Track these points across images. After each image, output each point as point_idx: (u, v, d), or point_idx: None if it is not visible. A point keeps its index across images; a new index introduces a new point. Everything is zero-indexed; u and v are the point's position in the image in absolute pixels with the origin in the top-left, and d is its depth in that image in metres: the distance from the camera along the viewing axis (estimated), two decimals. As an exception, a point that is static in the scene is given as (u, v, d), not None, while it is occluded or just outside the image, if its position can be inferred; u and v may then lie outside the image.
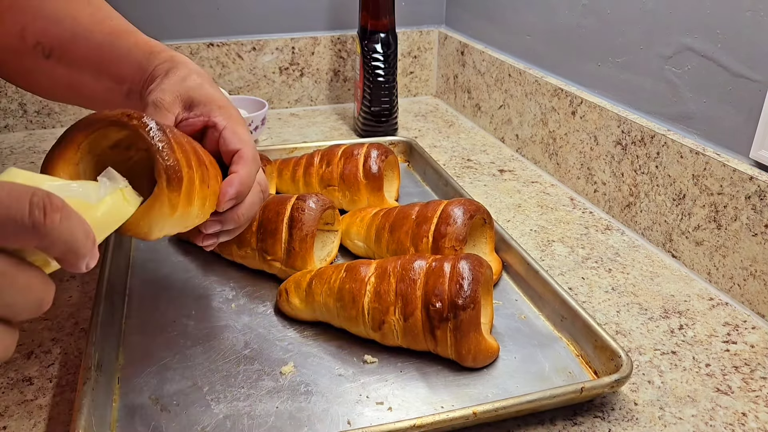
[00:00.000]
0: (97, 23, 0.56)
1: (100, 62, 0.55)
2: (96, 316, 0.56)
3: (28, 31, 0.55)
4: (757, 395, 0.55)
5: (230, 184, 0.49)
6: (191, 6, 1.12)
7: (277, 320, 0.62)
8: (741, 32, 0.65)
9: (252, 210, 0.52)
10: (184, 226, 0.44)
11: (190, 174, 0.42)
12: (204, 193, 0.45)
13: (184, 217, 0.43)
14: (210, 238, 0.52)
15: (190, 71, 0.54)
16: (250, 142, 0.52)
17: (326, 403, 0.52)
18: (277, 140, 1.08)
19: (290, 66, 1.20)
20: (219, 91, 0.55)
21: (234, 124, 0.52)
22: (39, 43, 0.55)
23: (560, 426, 0.52)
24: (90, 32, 0.55)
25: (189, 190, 0.42)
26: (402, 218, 0.69)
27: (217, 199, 0.48)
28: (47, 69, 0.56)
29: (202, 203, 0.45)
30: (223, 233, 0.53)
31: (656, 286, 0.70)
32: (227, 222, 0.51)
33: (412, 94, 1.31)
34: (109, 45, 0.55)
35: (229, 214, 0.50)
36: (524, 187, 0.92)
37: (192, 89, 0.52)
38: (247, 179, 0.50)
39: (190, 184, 0.42)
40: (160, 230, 0.42)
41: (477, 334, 0.55)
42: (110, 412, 0.51)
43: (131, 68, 0.55)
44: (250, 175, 0.50)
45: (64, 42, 0.55)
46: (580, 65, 0.89)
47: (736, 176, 0.65)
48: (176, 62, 0.55)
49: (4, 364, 0.57)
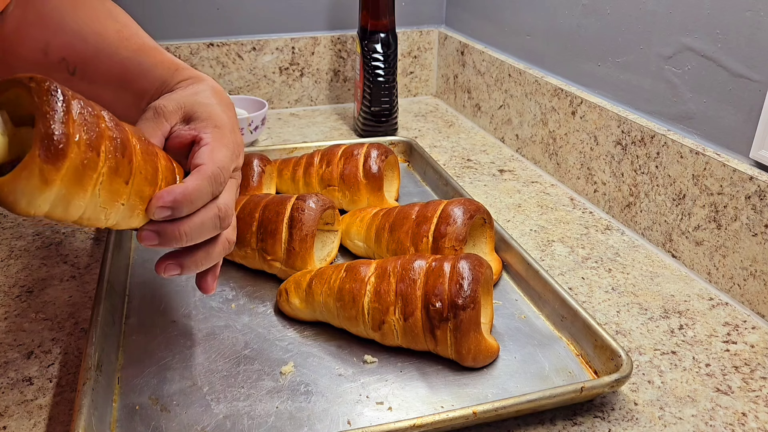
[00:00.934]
0: (123, 40, 0.54)
1: (123, 78, 0.54)
2: (96, 316, 0.56)
3: (51, 46, 0.54)
4: (757, 395, 0.55)
5: (169, 192, 0.44)
6: (191, 6, 1.12)
7: (277, 320, 0.62)
8: (741, 32, 0.65)
9: (201, 233, 0.47)
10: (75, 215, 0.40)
11: (87, 156, 0.38)
12: (117, 187, 0.41)
13: (71, 202, 0.39)
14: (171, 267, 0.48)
15: (209, 88, 0.52)
16: (221, 164, 0.47)
17: (326, 403, 0.52)
18: (277, 140, 1.08)
19: (290, 66, 1.20)
20: (229, 114, 0.52)
21: (218, 145, 0.48)
22: (63, 59, 0.54)
23: (560, 426, 0.52)
24: (116, 48, 0.54)
25: (79, 173, 0.38)
26: (402, 218, 0.69)
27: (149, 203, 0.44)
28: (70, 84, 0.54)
29: (110, 197, 0.41)
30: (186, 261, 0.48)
31: (656, 286, 0.70)
32: (165, 236, 0.45)
33: (412, 94, 1.31)
34: (134, 61, 0.54)
35: (168, 228, 0.45)
36: (524, 187, 0.92)
37: (198, 104, 0.51)
38: (193, 192, 0.45)
39: (84, 167, 0.38)
40: (28, 204, 0.37)
41: (477, 334, 0.55)
42: (110, 412, 0.51)
43: (154, 83, 0.53)
44: (199, 190, 0.45)
45: (88, 58, 0.54)
46: (580, 65, 0.89)
47: (736, 176, 0.65)
48: (200, 78, 0.53)
49: (4, 364, 0.57)
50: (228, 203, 0.48)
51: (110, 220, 0.43)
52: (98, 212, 0.41)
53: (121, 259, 0.69)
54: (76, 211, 0.40)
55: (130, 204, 0.43)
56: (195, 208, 0.46)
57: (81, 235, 0.77)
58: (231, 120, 0.52)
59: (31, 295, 0.66)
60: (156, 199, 0.44)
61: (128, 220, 0.44)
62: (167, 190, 0.44)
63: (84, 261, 0.72)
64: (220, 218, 0.47)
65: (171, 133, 0.50)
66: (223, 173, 0.47)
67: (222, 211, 0.48)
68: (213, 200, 0.47)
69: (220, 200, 0.48)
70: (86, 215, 0.41)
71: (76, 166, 0.38)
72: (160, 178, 0.45)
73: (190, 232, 0.46)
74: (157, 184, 0.45)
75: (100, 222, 0.42)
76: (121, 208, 0.42)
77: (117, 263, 0.66)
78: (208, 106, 0.51)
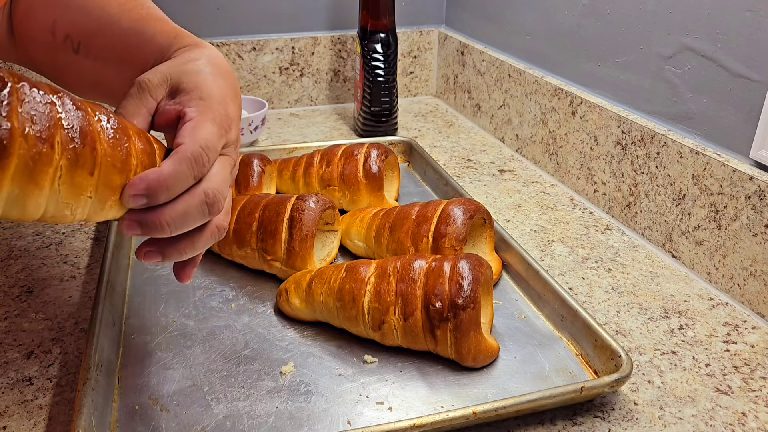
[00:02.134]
0: (126, 11, 0.52)
1: (124, 51, 0.50)
2: (96, 316, 0.56)
3: (58, 24, 0.52)
4: (757, 395, 0.55)
5: (142, 178, 0.40)
6: (191, 6, 1.12)
7: (277, 320, 0.62)
8: (741, 32, 0.65)
9: (185, 221, 0.42)
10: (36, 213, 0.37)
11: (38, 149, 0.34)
12: (81, 180, 0.37)
13: (27, 201, 0.35)
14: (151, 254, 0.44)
15: (204, 56, 0.48)
16: (204, 142, 0.42)
17: (326, 403, 0.52)
18: (277, 140, 1.08)
19: (290, 66, 1.20)
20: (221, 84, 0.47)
21: (202, 120, 0.43)
22: (68, 36, 0.52)
23: (560, 426, 0.52)
24: (117, 20, 0.51)
25: (32, 170, 0.34)
26: (402, 218, 0.69)
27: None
28: (75, 64, 0.53)
29: (74, 191, 0.37)
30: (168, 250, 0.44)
31: (656, 286, 0.70)
32: (147, 226, 0.41)
33: (412, 94, 1.31)
34: (134, 32, 0.50)
35: (148, 217, 0.41)
36: (524, 187, 0.92)
37: (186, 73, 0.46)
38: (168, 178, 0.40)
39: (37, 162, 0.34)
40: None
41: (477, 334, 0.55)
42: (110, 412, 0.51)
43: (153, 54, 0.49)
44: (175, 174, 0.40)
45: (91, 32, 0.52)
46: (580, 65, 0.89)
47: (736, 176, 0.65)
48: (198, 45, 0.49)
49: (4, 364, 0.57)
50: (217, 187, 0.43)
51: (78, 215, 0.39)
52: (62, 208, 0.38)
53: (121, 259, 0.69)
54: (35, 210, 0.36)
55: (99, 196, 0.39)
56: (174, 194, 0.41)
57: (81, 235, 0.77)
58: (222, 89, 0.46)
59: (31, 295, 0.66)
60: (128, 187, 0.40)
61: (101, 213, 0.40)
62: (140, 176, 0.40)
63: (84, 261, 0.72)
64: (207, 204, 0.42)
65: (158, 108, 0.46)
66: (207, 153, 0.42)
67: (209, 197, 0.42)
68: (198, 183, 0.42)
69: (208, 183, 0.43)
70: (49, 213, 0.37)
71: (26, 163, 0.34)
72: (134, 164, 0.41)
73: (173, 221, 0.41)
74: (131, 171, 0.40)
75: (67, 218, 0.39)
76: (88, 201, 0.38)
77: (117, 263, 0.66)
78: (195, 74, 0.46)
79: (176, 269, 0.49)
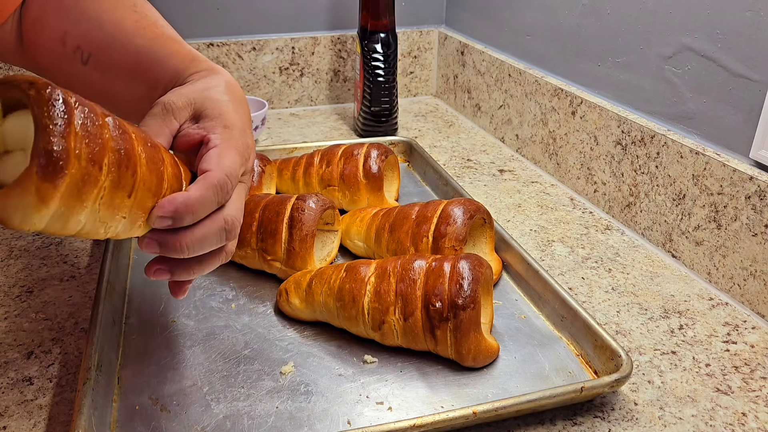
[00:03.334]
0: (140, 29, 0.52)
1: (137, 67, 0.51)
2: (96, 316, 0.56)
3: (70, 34, 0.52)
4: (757, 395, 0.55)
5: (170, 201, 0.42)
6: (191, 6, 1.12)
7: (277, 320, 0.62)
8: (741, 32, 0.65)
9: (203, 246, 0.44)
10: (74, 230, 0.38)
11: (88, 171, 0.35)
12: (119, 201, 0.39)
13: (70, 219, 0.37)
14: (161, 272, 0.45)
15: (223, 83, 0.50)
16: (228, 171, 0.44)
17: (326, 403, 0.52)
18: (277, 140, 1.08)
19: (290, 66, 1.20)
20: (241, 113, 0.49)
21: (226, 148, 0.45)
22: (78, 47, 0.52)
23: (560, 426, 0.52)
24: (132, 37, 0.52)
25: (79, 189, 0.35)
26: (402, 218, 0.69)
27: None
28: (83, 75, 0.53)
29: (111, 211, 0.39)
30: (177, 269, 0.45)
31: (656, 286, 0.70)
32: (166, 246, 0.43)
33: (412, 94, 1.31)
34: (149, 50, 0.51)
35: (169, 239, 0.43)
36: (524, 187, 0.92)
37: (209, 100, 0.48)
38: (195, 202, 0.42)
39: (84, 182, 0.35)
40: (21, 221, 0.35)
41: (477, 334, 0.55)
42: (110, 412, 0.51)
43: (167, 74, 0.51)
44: (202, 200, 0.42)
45: (103, 46, 0.52)
46: (580, 65, 0.89)
47: (736, 176, 0.65)
48: (214, 71, 0.51)
49: (4, 364, 0.57)
50: (235, 215, 0.46)
51: (110, 232, 0.40)
52: (97, 226, 0.39)
53: (121, 259, 0.69)
54: (74, 227, 0.37)
55: (131, 217, 0.40)
56: (198, 218, 0.43)
57: (81, 235, 0.77)
58: (242, 119, 0.49)
59: (31, 295, 0.66)
60: (157, 208, 0.41)
61: (129, 231, 0.42)
62: (169, 198, 0.42)
63: (84, 261, 0.72)
64: (226, 231, 0.45)
65: (179, 130, 0.48)
66: (231, 180, 0.45)
67: (228, 224, 0.45)
68: (219, 210, 0.45)
69: (227, 210, 0.45)
70: (84, 230, 0.39)
71: (76, 183, 0.35)
72: (165, 187, 0.43)
73: (192, 245, 0.43)
74: (162, 194, 0.42)
75: (99, 235, 0.40)
76: (122, 221, 0.40)
77: (117, 263, 0.66)
78: (218, 102, 0.48)
79: (172, 285, 0.50)
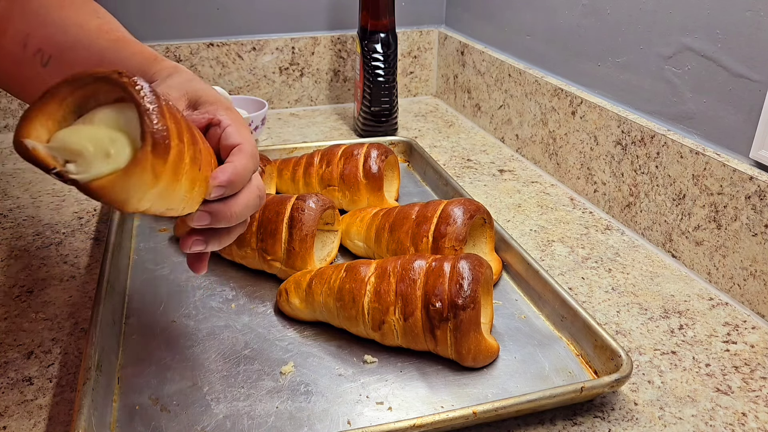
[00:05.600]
0: (103, 32, 0.55)
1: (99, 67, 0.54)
2: (96, 316, 0.56)
3: (31, 38, 0.54)
4: (757, 395, 0.55)
5: (223, 171, 0.46)
6: (191, 6, 1.12)
7: (277, 320, 0.62)
8: (741, 32, 0.65)
9: (245, 212, 0.48)
10: (166, 206, 0.41)
11: (180, 147, 0.39)
12: (194, 174, 0.41)
13: (168, 194, 0.39)
14: (198, 242, 0.48)
15: (194, 77, 0.53)
16: (252, 142, 0.50)
17: (326, 403, 0.52)
18: (277, 140, 1.08)
19: (290, 66, 1.20)
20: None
21: (238, 124, 0.50)
22: (40, 50, 0.54)
23: (560, 426, 0.52)
24: (95, 39, 0.55)
25: (176, 164, 0.38)
26: (402, 218, 0.69)
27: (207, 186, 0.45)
28: (41, 77, 0.55)
29: (190, 185, 0.41)
30: (212, 239, 0.49)
31: (656, 286, 0.70)
32: (217, 217, 0.47)
33: (412, 94, 1.31)
34: (112, 50, 0.54)
35: (220, 208, 0.46)
36: (524, 187, 0.92)
37: (200, 89, 0.51)
38: (242, 171, 0.47)
39: (179, 157, 0.39)
40: (138, 201, 0.38)
41: (477, 334, 0.55)
42: (110, 412, 0.51)
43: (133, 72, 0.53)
44: (246, 168, 0.47)
45: (65, 49, 0.54)
46: (580, 65, 0.89)
47: (736, 176, 0.65)
48: (179, 69, 0.54)
49: (4, 364, 0.57)
50: (261, 183, 0.50)
51: (186, 208, 0.43)
52: (179, 203, 0.42)
53: (121, 259, 0.69)
54: (167, 204, 0.40)
55: (199, 189, 0.43)
56: (242, 186, 0.47)
57: (81, 235, 0.77)
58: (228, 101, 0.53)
59: (31, 295, 0.66)
60: (212, 179, 0.45)
61: (194, 206, 0.44)
62: (220, 169, 0.45)
63: (84, 261, 0.72)
64: (260, 198, 0.49)
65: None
66: (256, 149, 0.49)
67: (261, 190, 0.50)
68: (250, 180, 0.48)
69: (255, 181, 0.49)
70: (174, 207, 0.41)
71: (174, 159, 0.38)
72: (212, 162, 0.46)
73: (239, 212, 0.47)
74: (209, 164, 0.45)
75: (177, 211, 0.43)
76: (194, 194, 0.43)
77: (117, 263, 0.66)
78: (208, 89, 0.51)
79: (194, 261, 0.52)
